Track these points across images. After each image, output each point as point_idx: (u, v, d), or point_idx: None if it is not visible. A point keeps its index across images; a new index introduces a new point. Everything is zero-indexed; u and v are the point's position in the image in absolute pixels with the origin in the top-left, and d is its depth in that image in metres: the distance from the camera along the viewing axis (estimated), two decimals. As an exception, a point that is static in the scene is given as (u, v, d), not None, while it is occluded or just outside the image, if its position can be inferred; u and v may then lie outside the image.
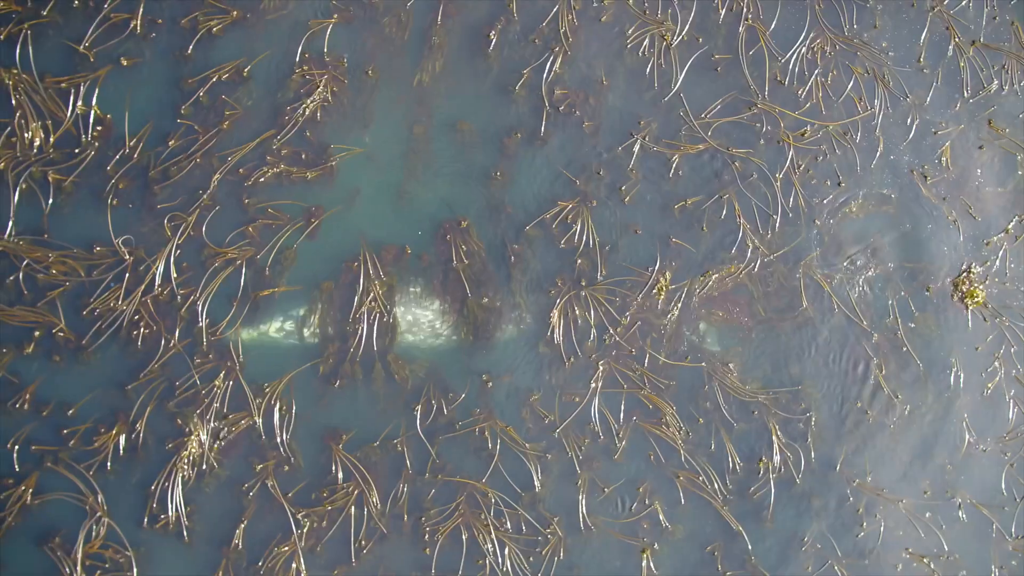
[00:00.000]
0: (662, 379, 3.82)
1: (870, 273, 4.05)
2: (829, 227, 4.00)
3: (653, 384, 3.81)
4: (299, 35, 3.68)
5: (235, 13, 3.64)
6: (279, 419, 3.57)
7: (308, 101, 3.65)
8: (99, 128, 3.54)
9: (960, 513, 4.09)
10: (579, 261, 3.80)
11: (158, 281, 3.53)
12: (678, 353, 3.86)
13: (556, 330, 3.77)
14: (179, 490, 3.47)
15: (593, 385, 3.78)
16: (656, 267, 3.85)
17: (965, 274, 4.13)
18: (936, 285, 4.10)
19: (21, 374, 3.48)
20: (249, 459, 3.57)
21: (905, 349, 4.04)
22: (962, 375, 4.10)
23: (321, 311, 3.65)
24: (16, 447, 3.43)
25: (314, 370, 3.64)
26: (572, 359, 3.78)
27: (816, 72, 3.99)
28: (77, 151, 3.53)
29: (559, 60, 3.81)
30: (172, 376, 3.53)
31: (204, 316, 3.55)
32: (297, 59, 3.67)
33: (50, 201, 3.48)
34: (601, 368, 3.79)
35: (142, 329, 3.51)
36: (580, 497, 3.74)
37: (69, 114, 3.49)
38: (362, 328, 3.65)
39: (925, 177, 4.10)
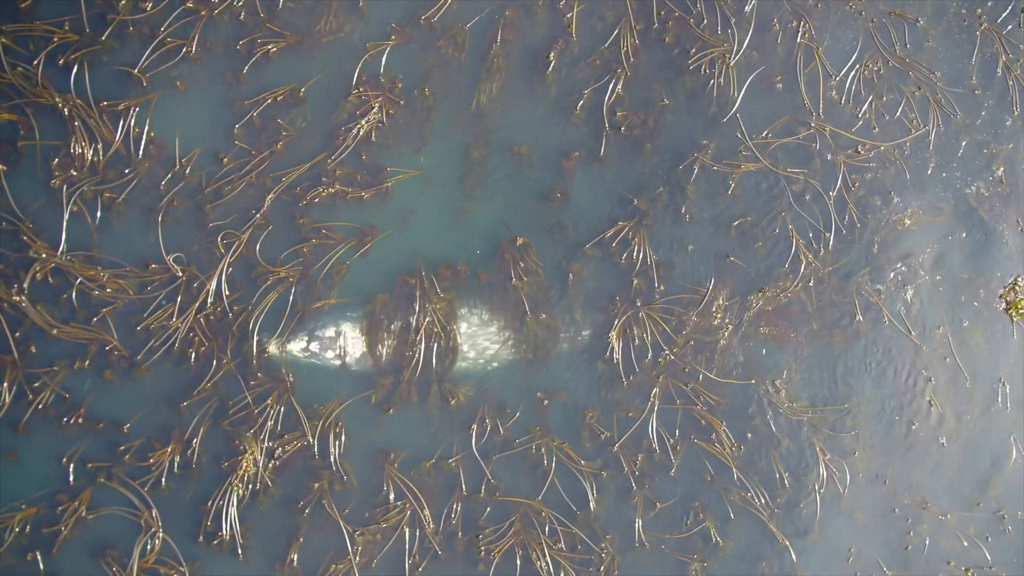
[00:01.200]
0: (715, 396, 3.83)
1: (920, 286, 4.04)
2: (881, 243, 4.00)
3: (706, 401, 3.82)
4: (355, 57, 3.68)
5: (290, 36, 3.64)
6: (332, 439, 3.58)
7: (363, 122, 3.65)
8: (152, 148, 3.54)
9: (1006, 526, 4.09)
10: (635, 281, 3.80)
11: (210, 299, 3.53)
12: (730, 370, 3.87)
13: (615, 349, 3.77)
14: (234, 508, 3.49)
15: (652, 400, 3.78)
16: (711, 284, 3.85)
17: (1012, 286, 4.13)
18: (985, 297, 4.10)
19: (74, 390, 3.49)
20: (303, 478, 3.58)
21: (949, 359, 4.05)
22: (1008, 388, 4.10)
23: (375, 331, 3.66)
24: (72, 463, 3.44)
25: (366, 396, 3.66)
26: (631, 377, 3.78)
27: (872, 92, 3.98)
28: (128, 171, 3.54)
29: (620, 81, 3.80)
30: (225, 395, 3.54)
31: (255, 336, 3.55)
32: (354, 81, 3.66)
33: (98, 215, 3.48)
34: (658, 385, 3.79)
35: (196, 347, 3.52)
36: (636, 514, 3.75)
37: (119, 136, 3.49)
38: (420, 350, 3.66)
39: (976, 192, 4.09)
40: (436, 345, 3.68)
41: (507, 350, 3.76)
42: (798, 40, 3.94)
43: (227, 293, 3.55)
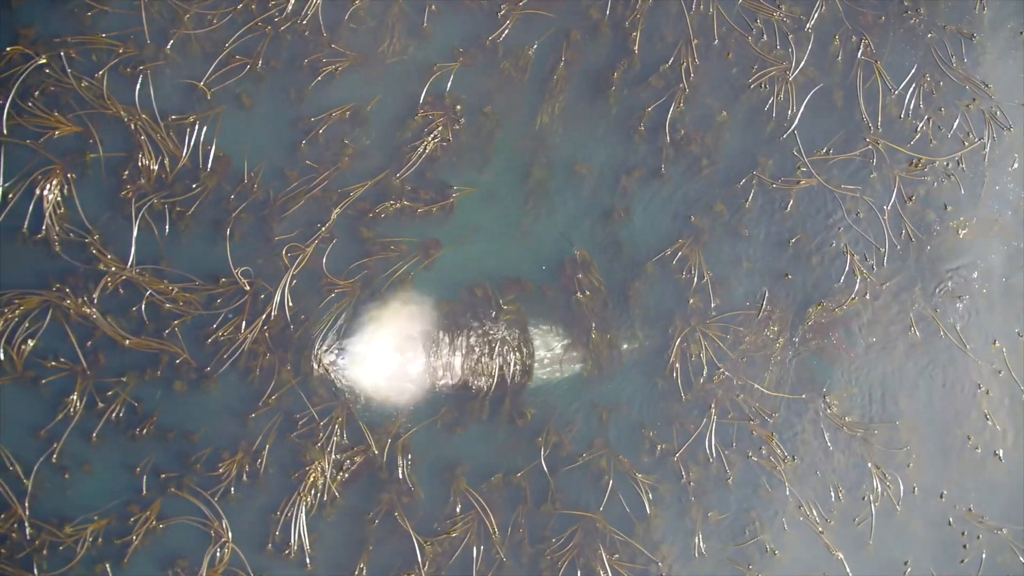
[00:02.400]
0: (769, 411, 3.86)
1: (975, 299, 4.05)
2: (935, 256, 4.01)
3: (760, 415, 3.85)
4: (419, 78, 3.74)
5: (352, 56, 3.69)
6: (400, 452, 3.63)
7: (429, 139, 3.70)
8: (218, 163, 3.60)
9: (1063, 540, 4.10)
10: (691, 300, 3.83)
11: (274, 313, 3.58)
12: (784, 385, 3.89)
13: (674, 366, 3.81)
14: (303, 518, 3.53)
15: (709, 415, 3.81)
16: (765, 300, 3.88)
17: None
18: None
19: (144, 400, 3.55)
20: (369, 489, 3.62)
21: (1003, 373, 4.04)
22: (1065, 401, 4.10)
23: (442, 346, 3.71)
24: (145, 474, 3.49)
25: (433, 412, 3.71)
26: (688, 395, 3.81)
27: (930, 107, 4.00)
28: (195, 185, 3.60)
29: (681, 99, 3.83)
30: (291, 409, 3.59)
31: (317, 350, 3.59)
32: (420, 101, 3.72)
33: (166, 228, 3.54)
34: (715, 399, 3.82)
35: (261, 359, 3.57)
36: (695, 525, 3.78)
37: (186, 150, 3.55)
38: (495, 371, 3.70)
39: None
40: (512, 366, 3.72)
41: (573, 366, 3.80)
42: (859, 56, 3.97)
43: (290, 305, 3.60)
